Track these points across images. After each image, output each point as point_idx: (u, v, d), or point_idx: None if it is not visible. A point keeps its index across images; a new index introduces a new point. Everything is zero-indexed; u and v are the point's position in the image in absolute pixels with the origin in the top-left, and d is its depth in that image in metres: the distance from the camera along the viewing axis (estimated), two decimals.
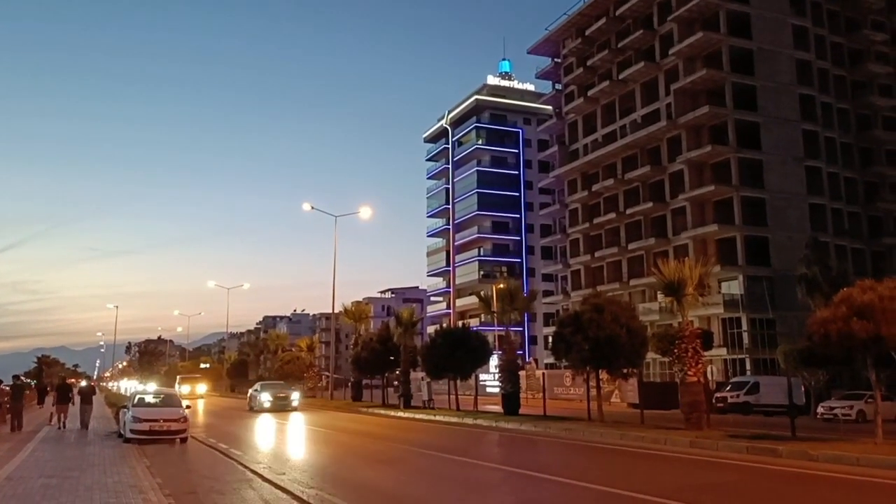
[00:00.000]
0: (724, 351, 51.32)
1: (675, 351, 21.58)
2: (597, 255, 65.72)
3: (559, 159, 73.81)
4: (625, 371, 24.85)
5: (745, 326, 51.48)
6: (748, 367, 49.93)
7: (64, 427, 24.89)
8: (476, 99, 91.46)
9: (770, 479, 12.60)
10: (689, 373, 20.69)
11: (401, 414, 32.29)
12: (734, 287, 52.79)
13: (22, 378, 31.30)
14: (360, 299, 76.36)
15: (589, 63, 68.84)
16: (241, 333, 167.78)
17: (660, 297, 50.11)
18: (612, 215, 63.81)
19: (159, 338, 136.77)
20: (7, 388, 26.43)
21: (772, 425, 22.45)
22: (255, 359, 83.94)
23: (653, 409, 26.10)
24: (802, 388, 31.21)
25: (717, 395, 33.34)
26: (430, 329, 68.77)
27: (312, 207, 50.66)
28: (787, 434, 17.89)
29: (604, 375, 25.38)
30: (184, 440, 19.94)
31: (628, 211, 62.03)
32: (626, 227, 63.10)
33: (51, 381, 40.63)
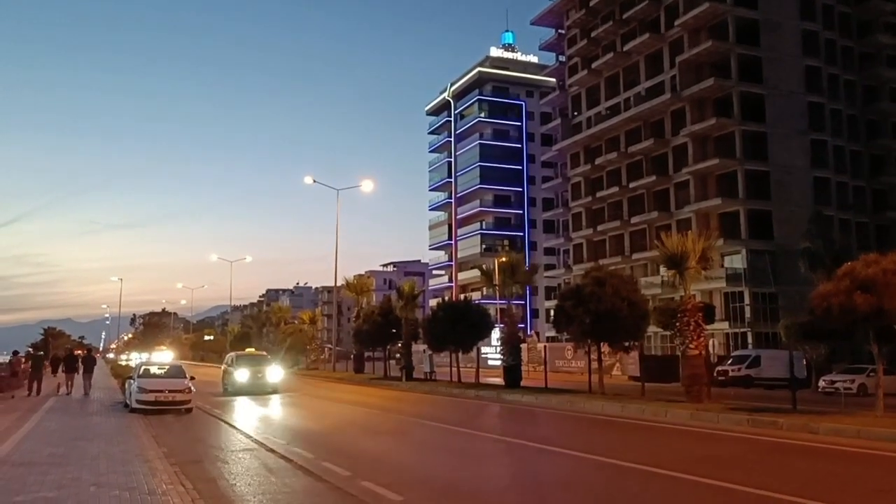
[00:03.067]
0: (726, 325, 51.44)
1: (677, 324, 21.65)
2: (599, 228, 65.61)
3: (562, 132, 73.39)
4: (626, 344, 24.94)
5: (747, 300, 51.53)
6: (750, 340, 50.07)
7: (70, 393, 26.90)
8: (479, 71, 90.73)
9: (771, 451, 12.68)
10: (691, 346, 20.75)
11: (402, 386, 32.49)
12: (737, 261, 52.76)
13: (31, 350, 34.84)
14: (363, 273, 76.54)
15: (593, 35, 68.14)
16: (244, 306, 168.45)
17: (662, 270, 50.02)
18: (615, 189, 63.59)
19: (163, 310, 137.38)
20: (24, 358, 30.79)
21: (773, 398, 22.55)
22: (257, 331, 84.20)
23: (654, 382, 26.20)
24: (804, 362, 31.29)
25: (719, 368, 33.48)
26: (432, 302, 68.87)
27: (314, 181, 50.57)
28: (788, 407, 17.97)
29: (605, 348, 25.47)
30: (189, 410, 20.11)
31: (631, 185, 61.79)
32: (628, 200, 62.89)
33: (57, 352, 41.53)
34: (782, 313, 43.17)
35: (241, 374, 28.10)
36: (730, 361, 35.62)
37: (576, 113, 71.97)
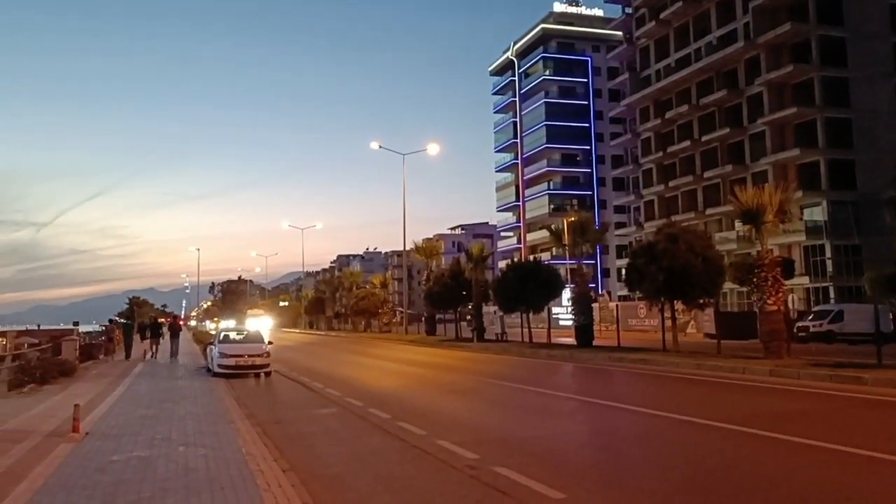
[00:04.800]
0: (806, 279, 49.80)
1: (754, 280, 21.00)
2: (671, 184, 64.09)
3: (630, 87, 71.54)
4: (701, 301, 24.41)
5: (828, 254, 49.68)
6: (832, 295, 48.39)
7: (155, 357, 28.91)
8: (542, 28, 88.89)
9: (854, 406, 12.29)
10: (769, 302, 20.15)
11: (474, 347, 32.73)
12: (817, 213, 50.82)
13: (116, 319, 38.26)
14: (431, 236, 77.00)
15: None
16: (317, 272, 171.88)
17: (737, 225, 48.78)
18: (687, 143, 61.86)
19: (240, 278, 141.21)
20: (115, 326, 33.80)
21: (856, 353, 21.75)
22: (330, 296, 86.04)
23: (730, 339, 25.65)
24: (890, 316, 30.04)
25: (799, 324, 32.46)
26: (501, 264, 68.86)
27: (380, 146, 50.90)
28: (872, 362, 17.32)
29: (679, 306, 25.03)
30: (268, 374, 20.79)
31: (704, 138, 59.96)
32: (701, 154, 61.12)
33: (142, 320, 44.08)
34: (866, 266, 41.52)
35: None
36: (810, 317, 34.47)
37: (644, 66, 69.94)
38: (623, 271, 26.84)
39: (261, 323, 68.94)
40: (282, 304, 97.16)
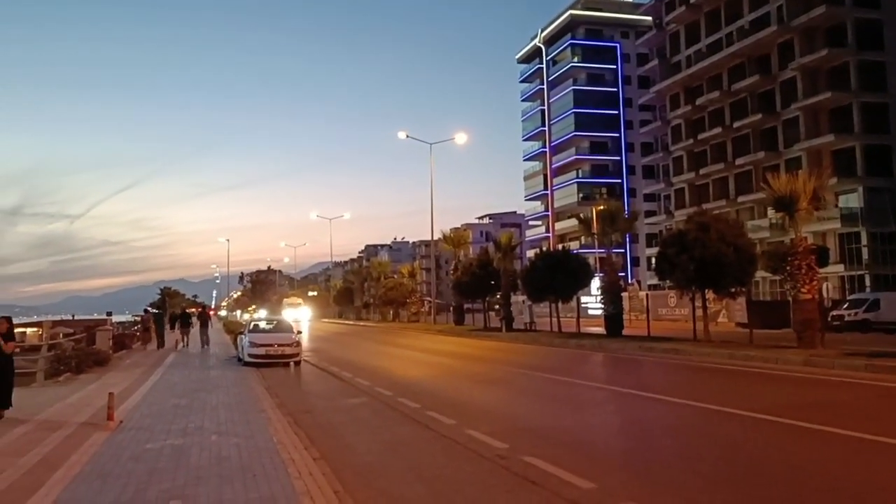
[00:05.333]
0: (841, 268, 48.94)
1: (787, 268, 20.65)
2: (701, 172, 63.30)
3: (660, 73, 70.65)
4: (732, 290, 24.05)
5: (864, 241, 48.76)
6: (867, 283, 47.51)
7: (186, 347, 29.77)
8: (570, 14, 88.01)
9: (891, 396, 12.06)
10: (803, 290, 19.81)
11: (503, 337, 32.68)
12: (852, 200, 49.86)
13: (150, 309, 39.71)
14: (459, 226, 76.84)
15: None
16: (345, 262, 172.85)
17: (770, 213, 48.04)
18: (718, 130, 61.00)
19: (269, 268, 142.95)
20: (150, 316, 34.76)
21: (893, 343, 21.34)
22: (359, 286, 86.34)
23: (763, 328, 25.29)
24: None
25: (833, 313, 31.90)
26: (530, 253, 68.61)
27: (407, 136, 50.89)
28: None
29: (710, 295, 24.70)
30: (297, 363, 20.96)
31: (735, 124, 59.08)
32: (732, 141, 60.26)
33: (173, 310, 44.98)
34: None
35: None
36: (845, 305, 33.86)
37: (674, 52, 69.02)
38: (653, 260, 26.51)
39: (299, 313, 68.46)
40: (311, 294, 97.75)
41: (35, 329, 45.09)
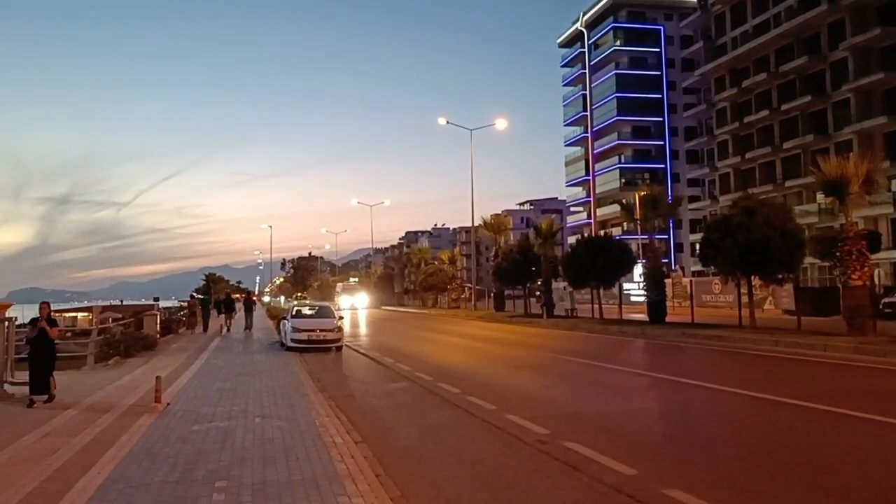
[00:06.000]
0: (893, 254, 47.57)
1: (837, 254, 20.13)
2: (747, 156, 62.01)
3: (704, 56, 69.27)
4: (779, 276, 23.55)
5: None
6: None
7: (229, 331, 30.67)
8: None
9: None
10: (853, 276, 19.30)
11: (543, 323, 32.56)
12: None
13: (195, 295, 41.02)
14: (499, 212, 76.62)
15: None
16: (385, 249, 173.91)
17: (819, 197, 46.88)
18: (765, 112, 59.62)
19: (310, 254, 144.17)
20: (196, 301, 35.96)
21: None
22: (399, 272, 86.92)
23: (810, 315, 24.73)
24: None
25: (885, 300, 31.01)
26: (571, 239, 68.08)
27: (448, 122, 50.78)
28: None
29: (756, 281, 24.22)
30: (339, 349, 21.17)
31: (783, 107, 57.67)
32: (780, 124, 58.86)
33: (218, 296, 46.03)
34: None
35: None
36: None
37: (720, 33, 67.55)
38: (697, 246, 26.10)
39: (357, 299, 65.43)
40: (352, 280, 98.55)
41: (85, 314, 46.36)
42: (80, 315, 48.41)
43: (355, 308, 61.04)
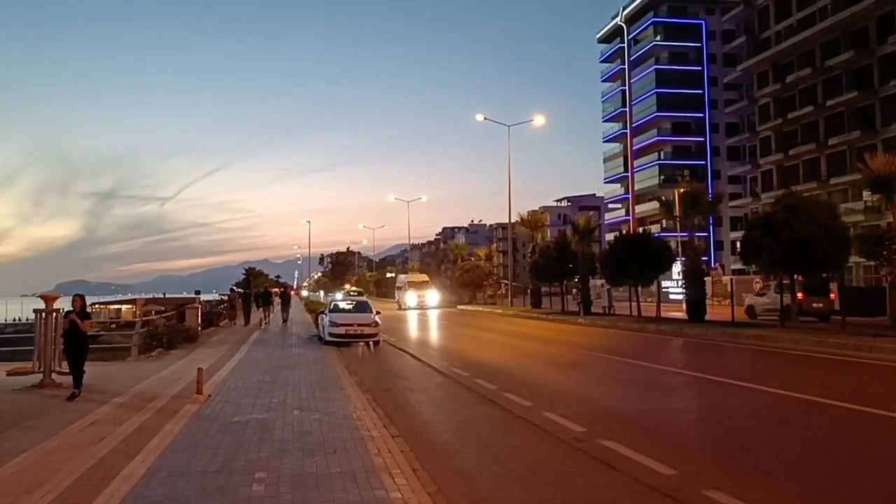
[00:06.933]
0: None
1: (884, 253, 19.70)
2: (791, 152, 60.77)
3: (747, 51, 67.98)
4: (823, 275, 23.10)
5: None
6: None
7: (268, 323, 31.54)
8: None
9: None
10: None
11: (580, 320, 32.36)
12: None
13: (236, 288, 41.98)
14: (536, 208, 76.32)
15: None
16: (422, 244, 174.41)
17: (865, 195, 45.79)
18: (809, 108, 58.37)
19: (348, 249, 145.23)
20: (236, 295, 36.98)
21: None
22: (436, 268, 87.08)
23: (855, 316, 24.19)
24: None
25: None
26: (609, 236, 67.47)
27: (485, 118, 50.66)
28: None
29: (799, 280, 23.79)
30: (376, 343, 21.31)
31: (828, 102, 56.38)
32: (825, 120, 57.56)
33: (257, 290, 46.71)
34: None
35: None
36: None
37: (763, 28, 66.24)
38: (737, 244, 25.68)
39: (428, 297, 52.91)
40: (388, 275, 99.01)
41: (129, 306, 47.39)
42: (124, 307, 49.55)
43: (424, 307, 51.25)
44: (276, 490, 6.07)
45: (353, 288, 53.85)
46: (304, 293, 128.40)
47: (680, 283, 34.11)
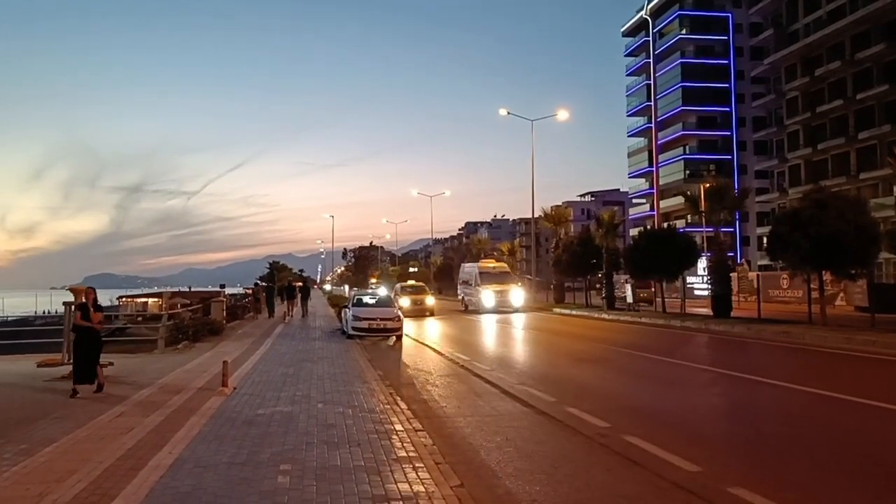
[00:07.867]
0: None
1: None
2: (819, 147, 59.88)
3: (775, 44, 67.04)
4: (852, 272, 22.74)
5: None
6: None
7: (292, 317, 31.92)
8: None
9: None
10: None
11: (604, 316, 32.21)
12: None
13: (260, 282, 42.42)
14: (559, 203, 75.89)
15: None
16: (445, 239, 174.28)
17: None
18: (839, 102, 57.44)
19: (371, 244, 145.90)
20: (261, 288, 38.22)
21: None
22: (458, 263, 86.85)
23: (885, 313, 23.82)
24: None
25: None
26: (633, 231, 67.05)
27: (509, 112, 50.49)
28: None
29: (827, 276, 23.45)
30: (399, 338, 21.38)
31: (858, 96, 55.44)
32: (854, 114, 56.63)
33: (281, 283, 47.18)
34: None
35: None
36: None
37: (791, 20, 65.29)
38: (764, 240, 25.37)
39: (512, 296, 38.71)
40: (411, 269, 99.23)
41: (156, 300, 47.91)
42: (150, 301, 50.07)
43: (506, 309, 37.95)
44: (301, 482, 6.13)
45: (411, 282, 40.03)
46: (328, 287, 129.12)
47: (705, 278, 33.83)
